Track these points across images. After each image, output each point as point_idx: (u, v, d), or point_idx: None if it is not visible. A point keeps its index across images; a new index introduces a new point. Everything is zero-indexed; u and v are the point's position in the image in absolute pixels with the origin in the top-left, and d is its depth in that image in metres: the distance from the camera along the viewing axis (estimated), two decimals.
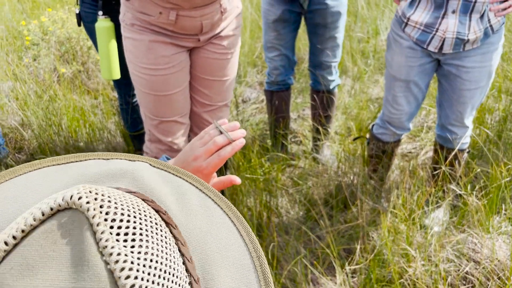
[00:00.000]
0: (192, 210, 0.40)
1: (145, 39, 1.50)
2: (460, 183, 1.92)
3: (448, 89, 1.78)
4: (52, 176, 0.41)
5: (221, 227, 0.41)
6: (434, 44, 1.66)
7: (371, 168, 2.11)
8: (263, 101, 3.21)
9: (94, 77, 3.21)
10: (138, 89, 1.62)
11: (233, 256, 0.39)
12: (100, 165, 0.42)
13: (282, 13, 2.10)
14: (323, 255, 1.80)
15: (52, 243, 0.30)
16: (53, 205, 0.31)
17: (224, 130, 0.75)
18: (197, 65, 1.66)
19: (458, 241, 1.79)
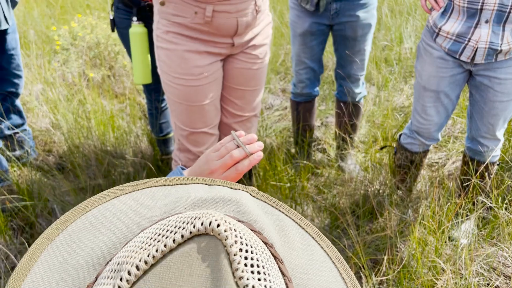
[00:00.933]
0: (294, 246, 0.40)
1: (179, 48, 1.50)
2: (491, 196, 1.89)
3: (480, 101, 1.76)
4: (160, 196, 0.42)
5: (322, 267, 0.40)
6: (466, 54, 1.64)
7: (399, 178, 2.09)
8: (286, 108, 3.21)
9: (121, 81, 3.26)
10: (170, 98, 1.63)
11: None
12: (204, 190, 0.43)
13: (310, 26, 2.07)
14: (350, 265, 1.79)
15: (188, 266, 0.31)
16: (193, 230, 0.32)
17: (241, 143, 0.73)
18: (229, 76, 1.67)
19: (488, 254, 1.76)
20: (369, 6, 2.04)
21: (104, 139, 2.51)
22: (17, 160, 2.39)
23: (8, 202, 2.10)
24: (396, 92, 3.28)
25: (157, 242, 0.32)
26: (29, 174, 2.30)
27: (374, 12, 2.07)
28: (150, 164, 2.39)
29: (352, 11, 2.02)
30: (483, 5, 1.53)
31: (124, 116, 2.83)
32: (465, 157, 1.95)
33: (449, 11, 1.64)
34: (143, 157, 2.44)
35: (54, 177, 2.32)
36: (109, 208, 0.41)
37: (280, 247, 0.39)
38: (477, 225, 1.95)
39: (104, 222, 0.39)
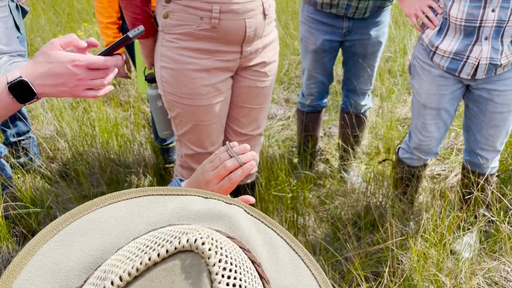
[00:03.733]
0: (282, 266, 0.41)
1: (186, 68, 1.44)
2: (493, 209, 1.88)
3: (478, 113, 1.76)
4: (156, 206, 0.43)
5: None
6: (466, 71, 1.64)
7: (401, 191, 2.09)
8: (289, 118, 3.23)
9: (126, 90, 3.29)
10: (174, 117, 1.57)
11: None
12: (200, 203, 0.43)
13: (322, 44, 2.06)
14: (351, 276, 1.79)
15: (170, 282, 0.31)
16: (178, 245, 0.33)
17: (234, 153, 0.75)
18: (237, 94, 1.63)
19: (490, 268, 1.75)
20: (381, 24, 2.04)
21: (108, 147, 2.53)
22: (21, 167, 2.41)
23: (11, 209, 2.11)
24: (399, 104, 3.29)
25: (143, 253, 0.33)
26: (33, 181, 2.31)
27: (386, 30, 2.08)
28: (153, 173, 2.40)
29: (364, 29, 2.02)
30: (482, 22, 1.53)
31: (128, 124, 2.85)
32: (464, 169, 1.95)
33: (445, 29, 1.63)
34: (146, 165, 2.45)
35: (57, 185, 2.33)
36: (105, 213, 0.41)
37: (268, 266, 0.40)
38: (479, 238, 1.94)
39: (99, 227, 0.40)
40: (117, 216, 0.41)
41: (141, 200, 0.43)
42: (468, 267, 1.73)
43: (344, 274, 1.82)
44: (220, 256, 0.33)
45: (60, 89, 0.83)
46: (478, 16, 1.52)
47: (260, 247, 0.41)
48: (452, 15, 1.57)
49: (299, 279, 0.41)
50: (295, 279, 0.41)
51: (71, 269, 0.37)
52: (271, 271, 0.40)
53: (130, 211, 0.42)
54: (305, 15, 2.10)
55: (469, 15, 1.53)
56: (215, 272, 0.32)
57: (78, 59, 0.82)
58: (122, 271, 0.32)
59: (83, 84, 0.83)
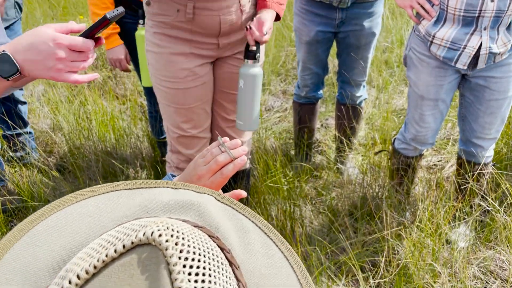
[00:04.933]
0: (254, 250, 0.41)
1: (165, 51, 1.52)
2: (488, 199, 1.89)
3: (475, 102, 1.76)
4: (124, 200, 0.43)
5: (281, 272, 0.41)
6: (462, 61, 1.64)
7: (397, 182, 2.10)
8: (286, 110, 3.23)
9: (122, 83, 3.28)
10: (160, 101, 1.65)
11: None
12: (169, 195, 0.43)
13: (316, 35, 2.07)
14: (347, 267, 1.80)
15: (129, 276, 0.31)
16: (134, 240, 0.33)
17: (226, 148, 0.75)
18: (220, 79, 1.67)
19: (485, 258, 1.77)
20: (375, 15, 2.04)
21: (105, 140, 2.53)
22: (18, 161, 2.41)
23: (9, 203, 2.12)
24: (396, 95, 3.29)
25: (104, 249, 0.33)
26: (30, 175, 2.32)
27: (379, 21, 2.07)
28: (150, 166, 2.40)
29: (358, 20, 2.02)
30: (481, 12, 1.53)
31: (125, 118, 2.84)
32: (460, 159, 1.96)
33: (442, 19, 1.63)
34: (143, 158, 2.46)
35: (54, 178, 2.34)
36: (72, 212, 0.41)
37: (239, 252, 0.40)
38: (475, 228, 1.95)
39: (67, 226, 0.40)
40: (85, 214, 0.41)
41: (109, 196, 0.43)
42: (463, 256, 1.75)
43: (341, 264, 1.83)
44: (181, 247, 0.33)
45: (40, 67, 0.82)
46: (477, 6, 1.52)
47: (231, 233, 0.41)
48: (450, 6, 1.57)
49: (271, 262, 0.41)
50: (267, 262, 0.41)
51: (40, 270, 0.37)
52: (242, 256, 0.40)
53: (98, 207, 0.42)
54: (299, 6, 2.09)
55: (468, 5, 1.53)
56: (174, 263, 0.32)
57: (60, 38, 0.81)
58: (80, 269, 0.32)
59: (63, 66, 0.82)
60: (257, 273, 0.40)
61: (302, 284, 0.41)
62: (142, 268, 0.32)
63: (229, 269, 0.36)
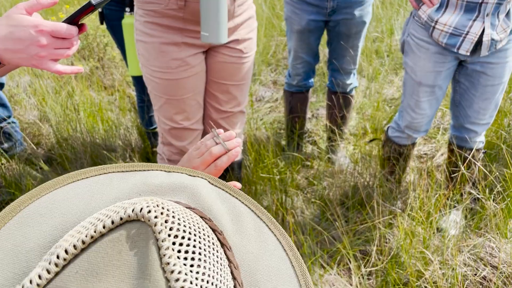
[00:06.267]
0: (246, 233, 0.41)
1: (155, 41, 1.48)
2: (478, 187, 1.91)
3: (470, 88, 1.77)
4: (117, 182, 0.42)
5: (273, 255, 0.41)
6: (465, 47, 1.64)
7: (388, 170, 2.10)
8: (277, 100, 3.21)
9: (110, 73, 3.23)
10: (151, 92, 1.62)
11: (282, 286, 0.40)
12: (162, 177, 0.43)
13: (307, 24, 2.06)
14: (339, 256, 1.80)
15: (117, 252, 0.31)
16: (123, 216, 0.33)
17: (220, 140, 0.75)
18: (213, 70, 1.64)
19: (476, 245, 1.78)
20: (365, 3, 2.03)
21: (93, 131, 2.49)
22: (5, 153, 2.37)
23: None
24: (386, 84, 3.29)
25: (93, 226, 0.33)
26: (17, 166, 2.27)
27: (370, 9, 2.07)
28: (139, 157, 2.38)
29: (348, 9, 2.01)
30: None
31: (114, 108, 2.80)
32: (451, 145, 1.96)
33: (444, 5, 1.63)
34: (133, 149, 2.43)
35: (42, 170, 2.30)
36: (64, 193, 0.41)
37: (231, 234, 0.40)
38: (465, 216, 1.97)
39: (58, 207, 0.40)
40: (77, 195, 0.41)
41: (102, 178, 0.43)
42: (454, 244, 1.76)
43: (333, 253, 1.83)
44: (171, 224, 0.32)
45: (21, 56, 0.78)
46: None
47: (224, 215, 0.41)
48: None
49: (263, 245, 0.41)
50: (259, 245, 0.41)
51: (31, 250, 0.36)
52: (235, 238, 0.40)
53: (90, 189, 0.41)
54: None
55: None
56: (162, 239, 0.32)
57: (43, 25, 0.78)
58: (68, 244, 0.32)
59: (46, 53, 0.79)
60: (249, 256, 0.40)
61: (294, 266, 0.41)
62: (131, 244, 0.32)
63: (221, 250, 0.36)
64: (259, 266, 0.39)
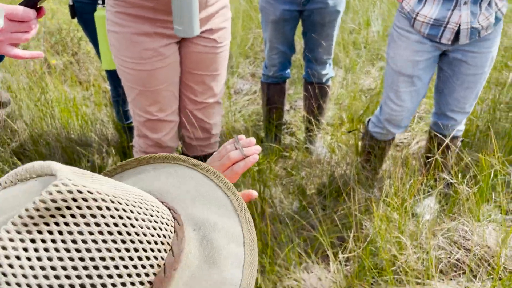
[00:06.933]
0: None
1: (127, 31, 1.46)
2: (452, 172, 1.95)
3: (452, 76, 1.79)
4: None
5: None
6: (446, 36, 1.66)
7: (364, 158, 2.12)
8: (255, 93, 3.21)
9: (85, 68, 3.18)
10: (124, 83, 1.60)
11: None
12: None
13: (282, 13, 2.06)
14: (317, 243, 1.82)
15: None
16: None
17: (239, 145, 0.78)
18: (187, 60, 1.62)
19: (449, 229, 1.82)
20: None
21: (69, 127, 2.45)
22: None
23: None
24: (363, 75, 3.32)
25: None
26: None
27: None
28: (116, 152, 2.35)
29: None
30: None
31: (89, 104, 2.76)
32: (431, 132, 1.99)
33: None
34: (109, 144, 2.40)
35: (15, 166, 2.25)
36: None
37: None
38: (439, 201, 2.01)
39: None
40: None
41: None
42: (428, 228, 1.79)
43: (311, 241, 1.85)
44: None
45: None
46: None
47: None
48: None
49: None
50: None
51: None
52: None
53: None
54: None
55: None
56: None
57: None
58: None
59: (3, 37, 0.77)
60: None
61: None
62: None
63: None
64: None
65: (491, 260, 1.71)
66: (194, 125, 1.80)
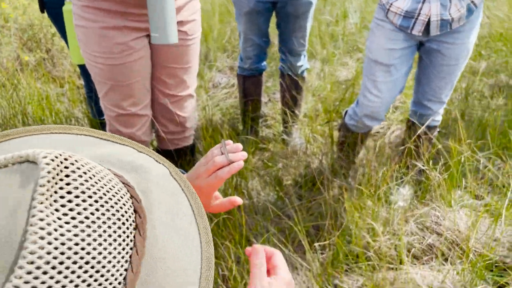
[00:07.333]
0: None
1: (96, 26, 1.44)
2: (423, 159, 1.98)
3: (429, 65, 1.82)
4: (88, 147, 0.49)
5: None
6: (417, 28, 1.68)
7: (340, 149, 2.15)
8: (233, 86, 3.21)
9: (59, 64, 3.13)
10: (95, 78, 1.58)
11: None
12: (130, 156, 0.51)
13: (255, 5, 2.06)
14: (293, 233, 1.84)
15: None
16: (22, 155, 0.36)
17: (225, 151, 0.76)
18: (158, 53, 1.61)
19: (422, 214, 1.86)
20: None
21: (42, 124, 2.42)
22: None
23: None
24: (340, 66, 3.34)
25: None
26: None
27: None
28: None
29: None
30: None
31: (64, 100, 2.73)
32: (409, 122, 2.02)
33: None
34: None
35: None
36: (44, 139, 0.47)
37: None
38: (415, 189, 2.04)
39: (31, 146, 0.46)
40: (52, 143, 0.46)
41: (85, 139, 0.49)
42: (401, 214, 1.83)
43: (289, 231, 1.87)
44: (62, 175, 0.35)
45: None
46: None
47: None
48: None
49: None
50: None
51: None
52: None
53: (67, 143, 0.47)
54: None
55: None
56: (41, 184, 0.33)
57: None
58: None
59: None
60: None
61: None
62: (12, 179, 0.34)
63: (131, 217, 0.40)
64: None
65: (462, 244, 1.75)
66: (167, 118, 1.79)
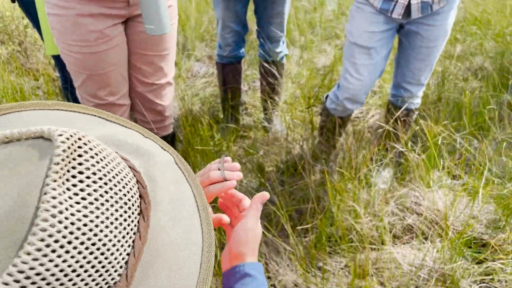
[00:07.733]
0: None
1: (70, 13, 1.40)
2: (402, 141, 2.01)
3: (408, 47, 1.83)
4: (96, 126, 0.50)
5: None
6: (397, 11, 1.69)
7: (320, 132, 2.16)
8: (212, 75, 3.19)
9: (33, 56, 3.06)
10: (70, 68, 1.54)
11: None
12: (136, 139, 0.52)
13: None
14: (276, 218, 1.85)
15: (13, 160, 0.35)
16: (37, 130, 0.36)
17: (222, 167, 0.76)
18: (134, 41, 1.59)
19: (401, 195, 1.89)
20: None
21: None
22: None
23: None
24: (319, 53, 3.35)
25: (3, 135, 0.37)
26: None
27: None
28: None
29: None
30: None
31: (39, 93, 2.67)
32: (389, 104, 2.04)
33: None
34: None
35: None
36: (47, 115, 0.47)
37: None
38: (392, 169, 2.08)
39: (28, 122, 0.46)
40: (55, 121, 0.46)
41: (91, 118, 0.50)
42: (382, 196, 1.86)
43: (272, 216, 1.88)
44: (76, 154, 0.35)
45: None
46: None
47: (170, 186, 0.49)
48: None
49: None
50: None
51: None
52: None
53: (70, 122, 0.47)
54: None
55: None
56: (56, 162, 0.34)
57: None
58: None
59: None
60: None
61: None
62: (26, 155, 0.34)
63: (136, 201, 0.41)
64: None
65: (441, 222, 1.79)
66: (146, 107, 1.77)
